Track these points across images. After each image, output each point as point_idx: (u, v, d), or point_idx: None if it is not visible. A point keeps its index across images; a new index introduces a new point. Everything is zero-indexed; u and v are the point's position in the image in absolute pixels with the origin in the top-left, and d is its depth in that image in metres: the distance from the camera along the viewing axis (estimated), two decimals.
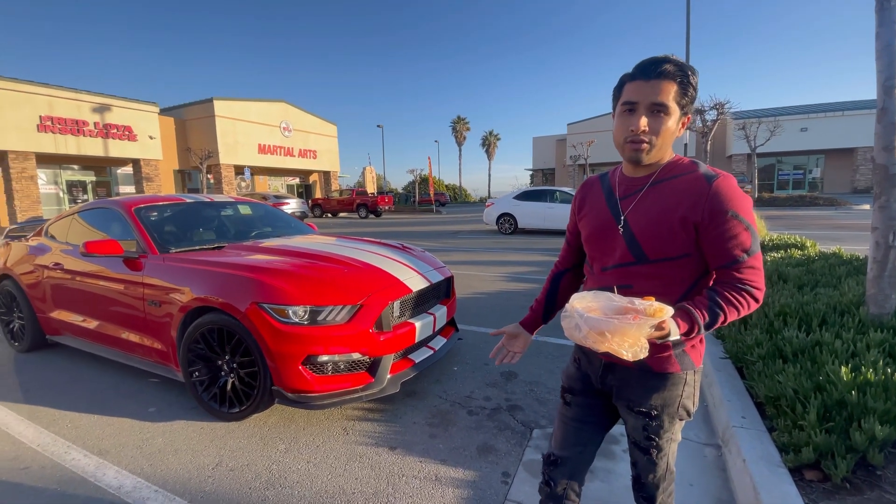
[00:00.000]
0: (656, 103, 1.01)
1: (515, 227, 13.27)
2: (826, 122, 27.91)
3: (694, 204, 1.01)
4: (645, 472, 1.20)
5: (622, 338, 0.87)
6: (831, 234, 10.33)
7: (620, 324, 0.87)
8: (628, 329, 0.86)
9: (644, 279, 1.09)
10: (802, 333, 2.60)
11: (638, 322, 0.87)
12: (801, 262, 4.56)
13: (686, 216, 1.02)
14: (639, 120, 1.02)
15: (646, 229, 1.06)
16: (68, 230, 3.74)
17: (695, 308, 1.00)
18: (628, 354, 0.88)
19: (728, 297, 1.00)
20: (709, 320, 1.00)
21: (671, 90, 1.01)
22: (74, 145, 19.45)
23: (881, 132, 2.63)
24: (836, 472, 1.69)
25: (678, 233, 1.03)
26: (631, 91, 1.04)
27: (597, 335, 0.88)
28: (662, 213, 1.05)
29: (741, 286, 1.01)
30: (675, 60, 1.01)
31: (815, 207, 18.95)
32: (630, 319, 0.87)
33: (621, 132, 1.07)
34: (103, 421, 2.66)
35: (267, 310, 2.39)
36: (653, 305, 0.90)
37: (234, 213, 4.10)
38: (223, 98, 25.50)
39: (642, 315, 0.89)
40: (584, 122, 35.56)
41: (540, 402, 2.78)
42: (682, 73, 1.01)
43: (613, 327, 0.87)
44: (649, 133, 1.03)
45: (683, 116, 1.06)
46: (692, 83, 1.02)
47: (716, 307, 1.00)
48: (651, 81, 1.01)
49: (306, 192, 34.54)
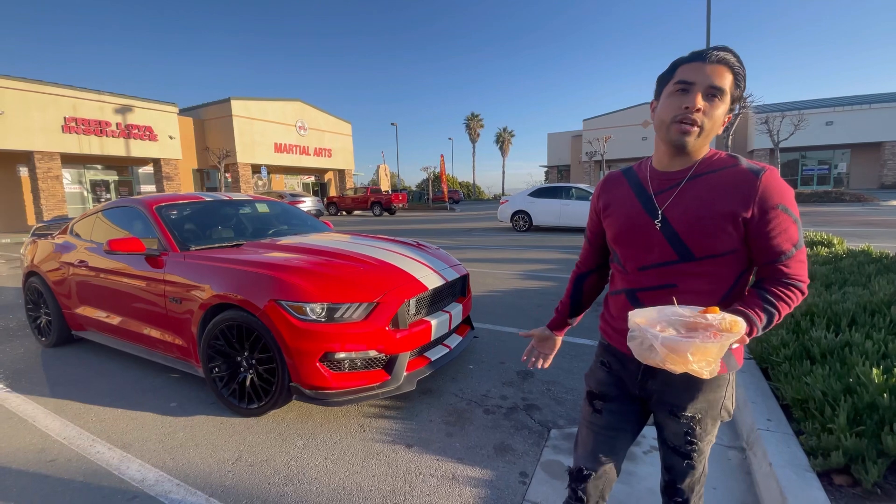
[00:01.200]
0: (714, 86, 0.97)
1: (530, 224, 13.16)
2: (852, 116, 27.01)
3: (745, 199, 0.97)
4: (682, 477, 1.16)
5: (703, 357, 0.81)
6: (859, 231, 10.00)
7: (702, 343, 0.80)
8: (711, 348, 0.80)
9: (689, 278, 1.04)
10: (831, 334, 2.51)
11: (719, 340, 0.81)
12: (829, 261, 4.42)
13: (736, 211, 0.98)
14: (695, 98, 0.97)
15: (691, 226, 1.01)
16: (92, 228, 3.83)
17: (750, 310, 0.96)
18: (707, 374, 0.83)
19: (779, 294, 0.98)
20: (766, 321, 0.97)
21: (728, 77, 0.98)
22: (98, 145, 19.95)
23: None
24: (866, 478, 1.63)
25: (726, 229, 0.99)
26: (687, 71, 1.00)
27: (676, 357, 0.82)
28: (708, 208, 1.00)
29: (788, 281, 0.99)
30: (733, 51, 0.99)
31: (841, 203, 18.38)
32: (711, 337, 0.81)
33: (670, 111, 1.01)
34: (126, 415, 2.73)
35: (285, 307, 2.40)
36: (725, 319, 0.84)
37: (252, 211, 4.15)
38: (240, 98, 25.88)
39: (719, 331, 0.83)
40: (601, 118, 35.10)
41: (557, 401, 2.75)
42: (739, 64, 0.99)
43: (695, 348, 0.80)
44: (702, 115, 0.98)
45: (729, 112, 1.03)
46: (744, 77, 1.00)
47: (770, 307, 0.97)
48: (710, 65, 0.97)
49: (321, 190, 34.86)
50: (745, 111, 18.34)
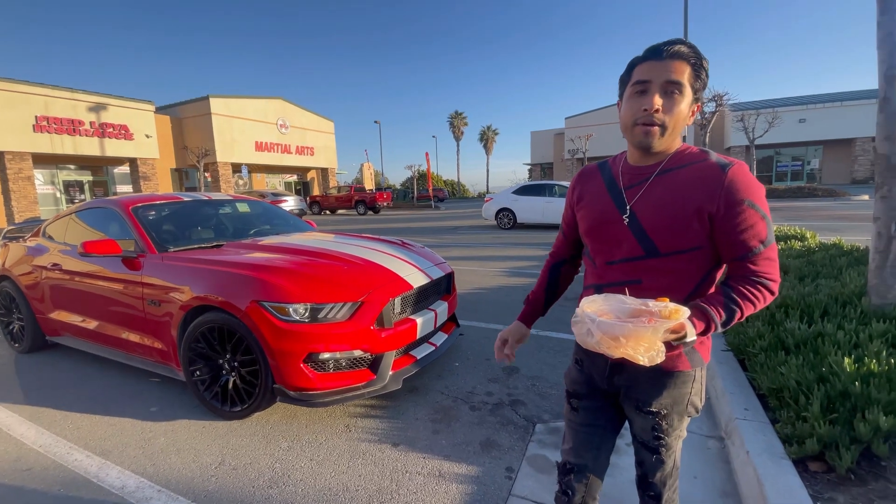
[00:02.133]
0: (671, 81, 0.96)
1: (514, 221, 13.25)
2: (824, 113, 27.84)
3: (709, 193, 0.96)
4: (652, 471, 1.17)
5: (637, 342, 0.82)
6: (831, 225, 10.32)
7: (635, 328, 0.82)
8: (643, 333, 0.81)
9: (654, 274, 1.03)
10: (804, 325, 2.59)
11: (654, 325, 0.82)
12: (802, 254, 4.56)
13: (701, 206, 0.96)
14: (652, 98, 0.97)
15: (656, 221, 1.01)
16: (66, 230, 3.72)
17: (710, 306, 0.96)
18: (644, 360, 0.84)
19: (744, 291, 0.96)
20: (725, 318, 0.96)
21: (685, 70, 0.97)
22: (71, 145, 19.36)
23: (883, 122, 2.61)
24: (840, 464, 1.69)
25: (692, 224, 0.98)
26: (643, 71, 0.99)
27: (610, 340, 0.83)
28: (674, 203, 0.99)
29: (756, 279, 0.97)
30: (687, 42, 0.98)
31: (814, 198, 18.93)
32: (645, 322, 0.82)
33: (631, 114, 1.01)
34: (105, 421, 2.66)
35: (267, 308, 2.37)
36: (668, 307, 0.85)
37: (233, 211, 4.08)
38: (219, 95, 25.39)
39: (657, 317, 0.83)
40: (582, 116, 35.47)
41: (542, 396, 2.78)
42: (695, 54, 0.97)
43: (628, 331, 0.82)
44: (662, 114, 0.97)
45: (695, 103, 1.02)
46: (704, 67, 0.99)
47: (732, 304, 0.96)
48: (664, 61, 0.97)
49: (304, 189, 34.46)
50: (721, 109, 18.71)
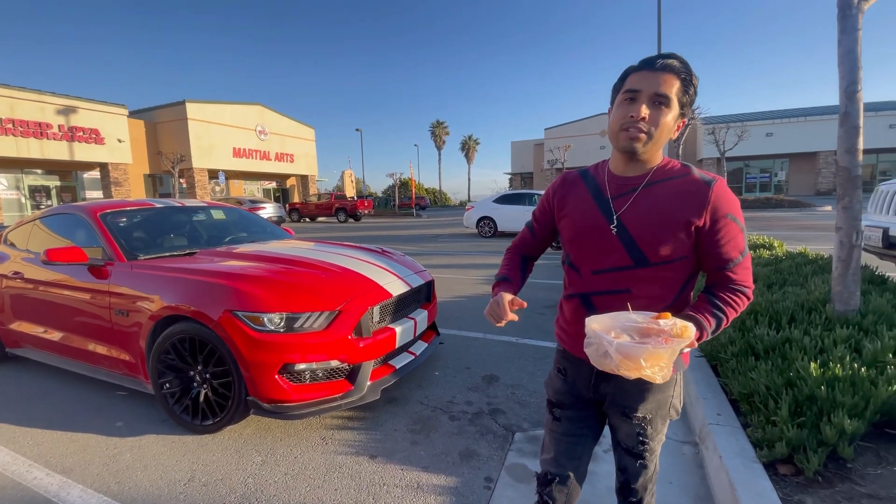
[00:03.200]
0: (659, 94, 1.00)
1: (495, 230, 13.34)
2: (790, 128, 29.09)
3: (698, 207, 1.01)
4: (635, 477, 1.18)
5: (655, 363, 0.83)
6: (797, 235, 10.73)
7: (654, 349, 0.83)
8: (663, 354, 0.83)
9: (642, 283, 1.07)
10: (773, 331, 2.67)
11: (671, 346, 0.84)
12: (770, 262, 4.71)
13: (689, 219, 1.01)
14: (640, 107, 1.00)
15: (646, 232, 1.04)
16: (29, 237, 3.56)
17: (701, 315, 1.01)
18: (660, 379, 0.86)
19: (727, 299, 1.03)
20: (714, 325, 1.01)
21: (675, 84, 1.01)
22: (38, 149, 18.68)
23: (843, 136, 2.73)
24: (808, 466, 1.74)
25: (679, 236, 1.02)
26: (634, 80, 1.03)
27: (630, 363, 0.84)
28: (663, 215, 1.03)
29: (735, 287, 1.03)
30: (680, 57, 1.02)
31: (781, 209, 19.69)
32: (662, 343, 0.84)
33: (619, 119, 1.04)
34: (67, 437, 2.53)
35: (241, 318, 2.31)
36: (677, 324, 0.88)
37: (207, 218, 3.98)
38: (196, 101, 24.93)
39: (671, 336, 0.86)
40: (561, 127, 36.16)
41: (521, 404, 2.78)
42: (686, 70, 1.01)
43: (647, 353, 0.83)
44: (648, 123, 1.01)
45: (681, 117, 1.06)
46: (693, 84, 1.03)
47: (719, 312, 1.02)
48: (656, 72, 1.00)
49: (283, 196, 34.00)
50: (693, 122, 19.35)
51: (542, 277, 6.80)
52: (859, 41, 2.66)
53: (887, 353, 2.23)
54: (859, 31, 2.65)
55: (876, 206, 4.98)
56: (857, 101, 2.68)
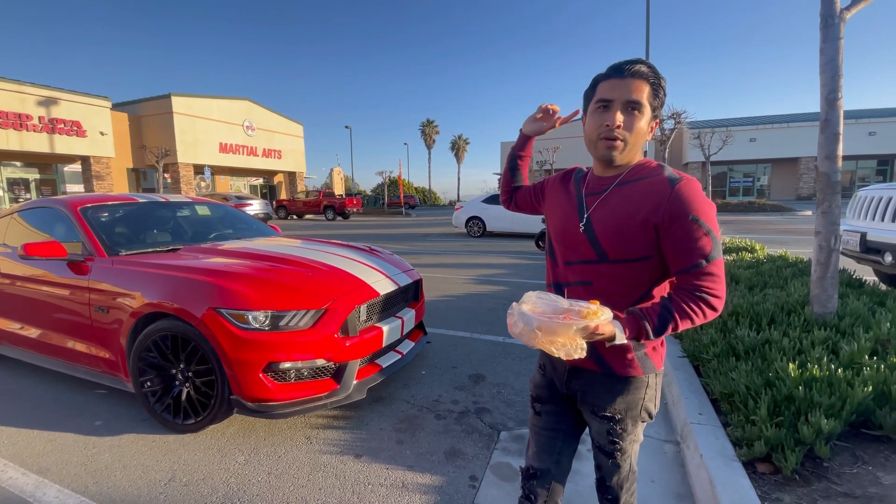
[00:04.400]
0: (631, 101, 1.02)
1: (484, 229, 13.37)
2: (773, 133, 29.69)
3: (656, 206, 1.01)
4: (609, 475, 1.20)
5: (552, 336, 0.90)
6: (778, 238, 10.96)
7: (550, 322, 0.90)
8: (557, 328, 0.89)
9: (604, 278, 1.09)
10: (753, 332, 2.72)
11: (567, 322, 0.90)
12: (752, 265, 4.80)
13: (647, 218, 1.01)
14: (614, 115, 1.03)
15: (608, 229, 1.06)
16: (6, 231, 3.47)
17: (644, 314, 1.00)
18: (560, 353, 0.91)
19: (681, 305, 0.99)
20: (657, 326, 0.99)
21: (645, 89, 1.03)
22: (17, 140, 18.18)
23: (824, 142, 2.80)
24: (786, 465, 1.77)
25: (638, 234, 1.03)
26: (605, 89, 1.05)
27: (528, 331, 0.91)
28: (625, 213, 1.04)
29: (698, 294, 0.99)
30: (647, 63, 1.04)
31: (763, 213, 20.08)
32: (560, 319, 0.91)
33: (594, 129, 1.06)
34: (44, 436, 2.47)
35: (225, 315, 2.28)
36: (589, 308, 0.93)
37: (192, 213, 3.92)
38: (182, 94, 24.49)
39: (576, 317, 0.91)
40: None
41: (507, 403, 2.79)
42: (654, 74, 1.04)
43: (543, 325, 0.90)
44: (623, 130, 1.03)
45: (653, 119, 1.08)
46: (662, 86, 1.05)
47: (667, 314, 0.99)
48: (626, 80, 1.02)
49: (271, 193, 33.62)
50: (679, 126, 19.62)
51: (528, 277, 6.84)
52: (841, 50, 2.72)
53: (863, 354, 2.30)
54: (841, 41, 2.72)
55: (854, 212, 5.11)
56: (838, 108, 2.74)
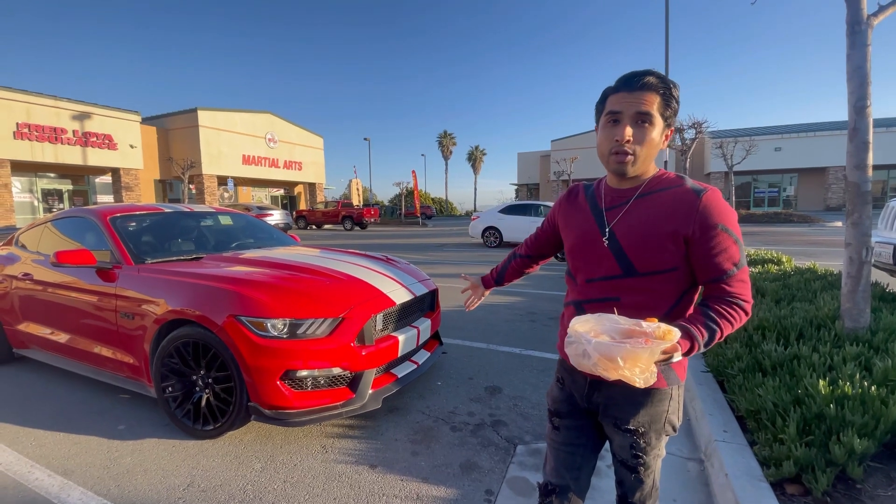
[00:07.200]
0: (641, 113, 1.01)
1: (500, 240, 13.33)
2: (799, 143, 28.93)
3: (685, 217, 1.01)
4: (632, 491, 1.17)
5: (634, 363, 0.82)
6: (805, 250, 10.62)
7: (633, 348, 0.81)
8: (641, 354, 0.81)
9: (632, 292, 1.07)
10: (781, 347, 2.63)
11: (650, 346, 0.82)
12: (778, 277, 4.66)
13: (677, 230, 1.01)
14: (624, 129, 1.02)
15: (634, 242, 1.05)
16: (40, 239, 3.62)
17: (693, 326, 0.98)
18: (640, 381, 0.83)
19: (721, 311, 1.00)
20: (707, 338, 0.98)
21: (655, 101, 1.02)
22: (52, 153, 19.02)
23: (853, 151, 2.72)
24: (816, 486, 1.70)
25: (668, 246, 1.02)
26: (615, 102, 1.04)
27: (608, 361, 0.83)
28: (651, 225, 1.04)
29: (731, 300, 1.00)
30: (657, 73, 1.03)
31: (790, 224, 19.50)
32: (642, 343, 0.82)
33: (606, 143, 1.06)
34: (69, 439, 2.54)
35: (244, 323, 2.32)
36: (661, 327, 0.86)
37: (215, 223, 4.02)
38: (207, 108, 25.32)
39: (652, 338, 0.84)
40: (568, 139, 36.22)
41: (524, 417, 2.75)
42: (664, 84, 1.02)
43: (625, 353, 0.81)
44: (633, 143, 1.03)
45: (667, 129, 1.06)
46: (674, 95, 1.03)
47: (712, 323, 0.98)
48: (635, 92, 1.02)
49: (291, 203, 34.28)
50: (701, 136, 19.28)
51: (546, 288, 6.77)
52: (868, 57, 2.66)
53: None
54: (868, 47, 2.65)
55: (886, 223, 4.93)
56: (867, 116, 2.67)
